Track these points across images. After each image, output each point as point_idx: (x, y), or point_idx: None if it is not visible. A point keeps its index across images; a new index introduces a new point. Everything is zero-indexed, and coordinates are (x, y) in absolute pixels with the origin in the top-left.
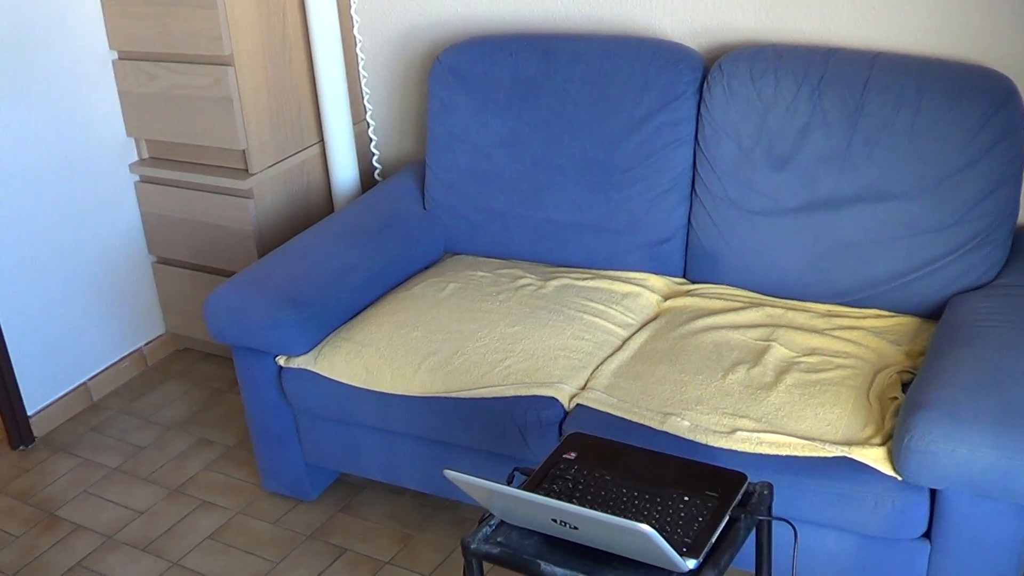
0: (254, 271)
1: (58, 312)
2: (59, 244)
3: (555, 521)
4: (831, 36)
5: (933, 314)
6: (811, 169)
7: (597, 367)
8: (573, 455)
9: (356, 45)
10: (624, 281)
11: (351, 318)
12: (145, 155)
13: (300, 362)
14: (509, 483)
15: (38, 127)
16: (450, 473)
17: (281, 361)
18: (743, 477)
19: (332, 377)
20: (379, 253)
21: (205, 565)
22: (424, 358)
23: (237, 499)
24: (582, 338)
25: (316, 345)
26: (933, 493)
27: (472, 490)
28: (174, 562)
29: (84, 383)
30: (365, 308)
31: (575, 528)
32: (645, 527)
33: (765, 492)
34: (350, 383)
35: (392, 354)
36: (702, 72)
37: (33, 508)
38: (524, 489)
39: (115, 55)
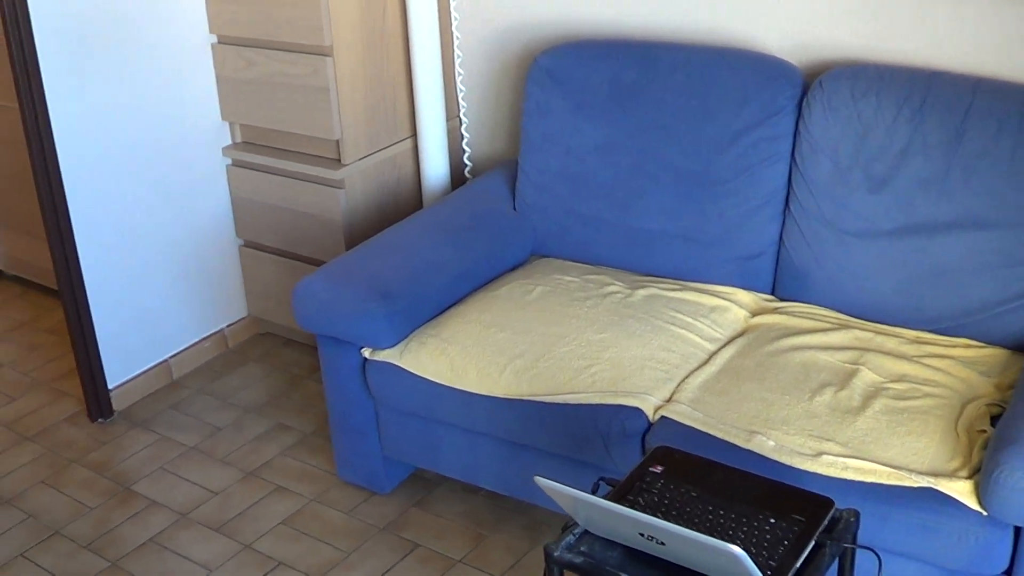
0: (344, 261)
1: (144, 289)
2: (150, 222)
3: (642, 535)
4: (934, 58)
5: None
6: (908, 193)
7: (683, 380)
8: (659, 468)
9: (454, 42)
10: (712, 294)
11: (438, 315)
12: (239, 139)
13: (386, 355)
14: (594, 492)
15: (136, 107)
16: (541, 480)
17: (366, 353)
18: (830, 503)
19: (417, 373)
20: (468, 251)
21: (277, 550)
22: (510, 360)
23: (312, 486)
24: (669, 350)
25: (402, 339)
26: (1017, 530)
27: (560, 498)
28: (246, 544)
29: (165, 360)
30: (452, 305)
31: (662, 544)
32: (736, 548)
33: (852, 519)
34: (434, 380)
35: (478, 354)
36: (802, 88)
37: (109, 481)
38: (609, 500)
39: (214, 39)
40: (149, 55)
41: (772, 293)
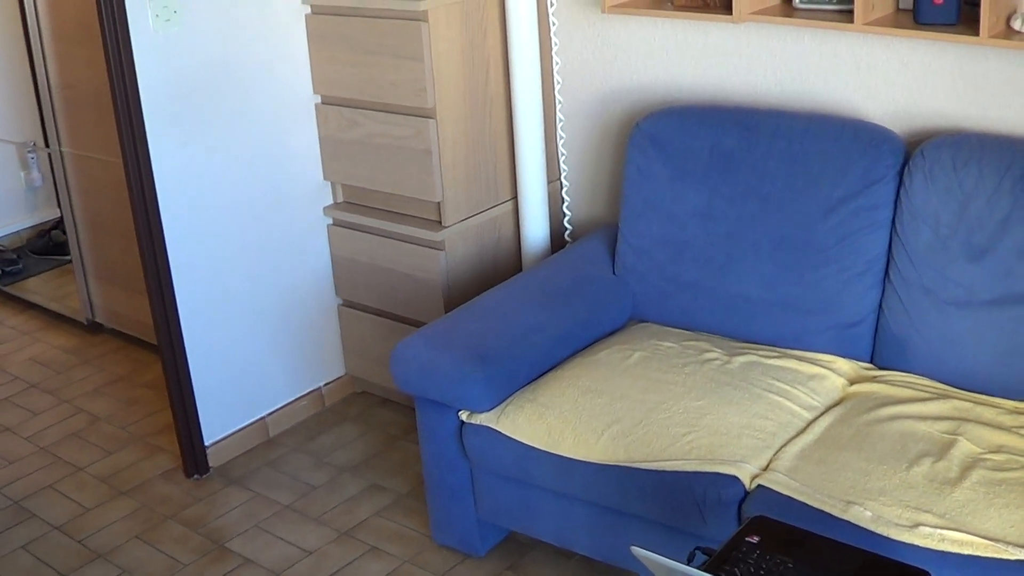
0: (443, 324)
1: (243, 345)
2: (251, 279)
3: None
4: None
5: None
6: (1009, 262)
7: (780, 448)
8: (756, 538)
9: (556, 106)
10: (811, 362)
11: (536, 378)
12: (340, 199)
13: (483, 419)
14: (689, 561)
15: (239, 164)
16: (637, 551)
17: (464, 416)
18: (927, 575)
19: (514, 437)
20: (567, 315)
21: None
22: (607, 425)
23: (406, 548)
24: (766, 417)
25: (500, 403)
26: None
27: (656, 568)
28: None
29: (262, 418)
30: (550, 369)
31: None
32: None
33: None
34: (532, 444)
35: (575, 419)
36: (903, 156)
37: (203, 538)
38: (706, 570)
39: (318, 99)
40: (253, 113)
41: (871, 361)
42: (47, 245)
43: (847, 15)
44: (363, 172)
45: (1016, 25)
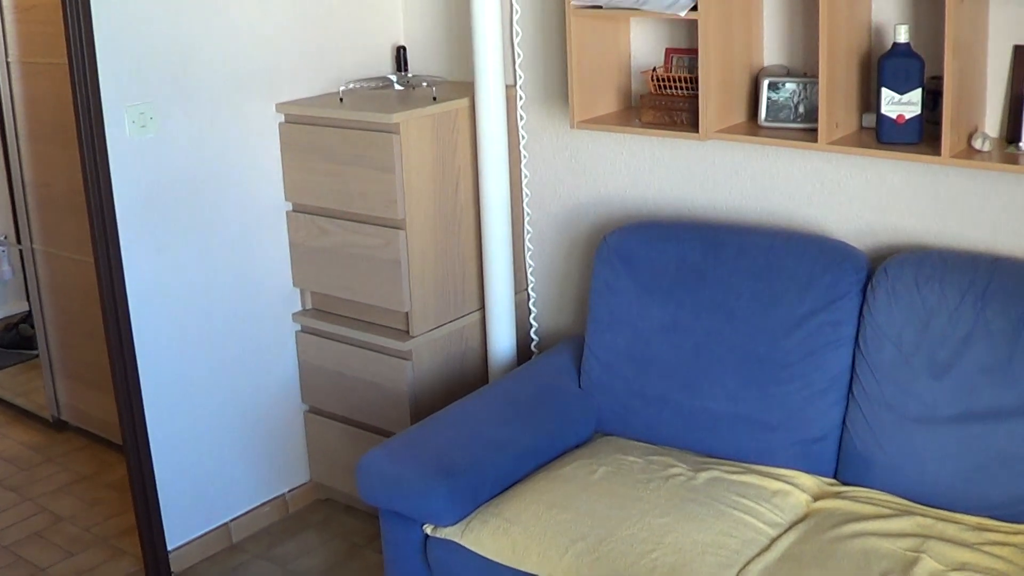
0: (409, 436)
1: (209, 449)
2: (218, 383)
3: None
4: (996, 244)
5: None
6: (971, 379)
7: (744, 567)
8: None
9: (524, 218)
10: (775, 478)
11: (501, 492)
12: (309, 306)
13: (447, 533)
14: None
15: (212, 269)
16: None
17: (428, 530)
18: None
19: (478, 552)
20: (532, 429)
21: None
22: (572, 542)
23: None
24: (730, 535)
25: (465, 517)
26: None
27: None
28: None
29: (226, 523)
30: (515, 483)
31: None
32: None
33: None
34: (496, 560)
35: (540, 535)
36: (866, 273)
37: None
38: None
39: (290, 206)
40: (226, 219)
41: (835, 477)
42: (14, 338)
43: (811, 133)
44: (332, 280)
45: (977, 144)
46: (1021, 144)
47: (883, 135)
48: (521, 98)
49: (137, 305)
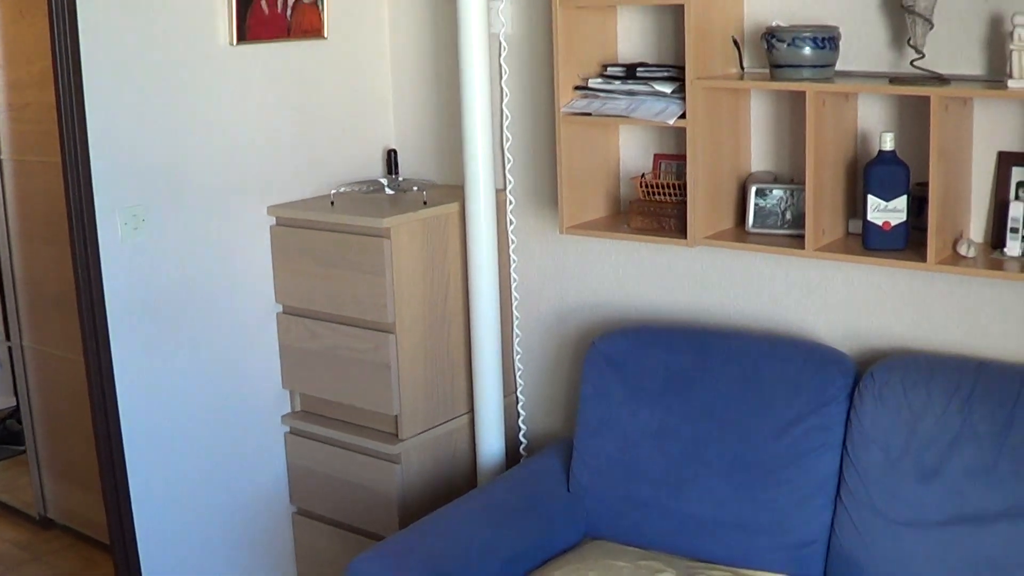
0: (398, 541)
1: (196, 549)
2: (207, 482)
3: None
4: (982, 347)
5: None
6: (958, 483)
7: None
8: None
9: (513, 321)
10: None
11: None
12: (298, 408)
13: None
14: None
15: (202, 370)
16: None
17: None
18: None
19: None
20: (521, 534)
21: None
22: None
23: None
24: None
25: None
26: None
27: None
28: None
29: None
30: None
31: None
32: None
33: None
34: None
35: None
36: (853, 378)
37: None
38: None
39: (280, 308)
40: (216, 320)
41: None
42: (2, 434)
43: (798, 240)
44: (322, 382)
45: (962, 250)
46: (1005, 250)
47: (869, 241)
48: (511, 203)
49: (126, 404)
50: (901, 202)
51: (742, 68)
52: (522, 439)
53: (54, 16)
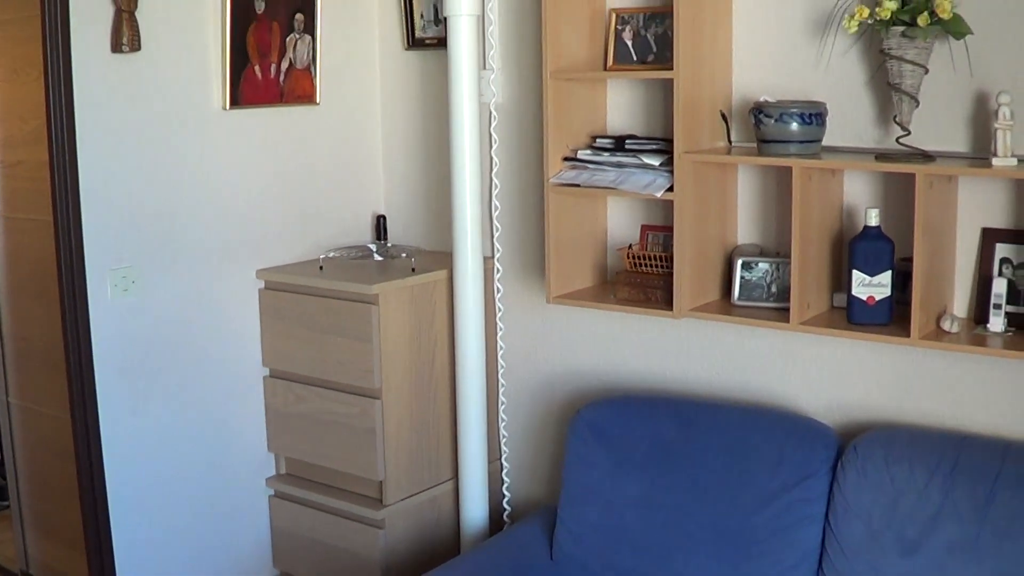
0: None
1: None
2: (191, 544)
3: None
4: (964, 421)
5: None
6: (940, 558)
7: None
8: None
9: (499, 388)
10: None
11: None
12: (283, 471)
13: None
14: None
15: (188, 431)
16: None
17: None
18: None
19: None
20: None
21: None
22: None
23: None
24: None
25: None
26: None
27: None
28: None
29: None
30: None
31: None
32: None
33: None
34: None
35: None
36: (836, 451)
37: None
38: None
39: (267, 372)
40: (203, 383)
41: None
42: None
43: (783, 313)
44: (307, 446)
45: (946, 326)
46: (989, 325)
47: (854, 316)
48: (498, 271)
49: (112, 463)
50: (886, 277)
51: (730, 142)
52: (506, 506)
53: (49, 75)
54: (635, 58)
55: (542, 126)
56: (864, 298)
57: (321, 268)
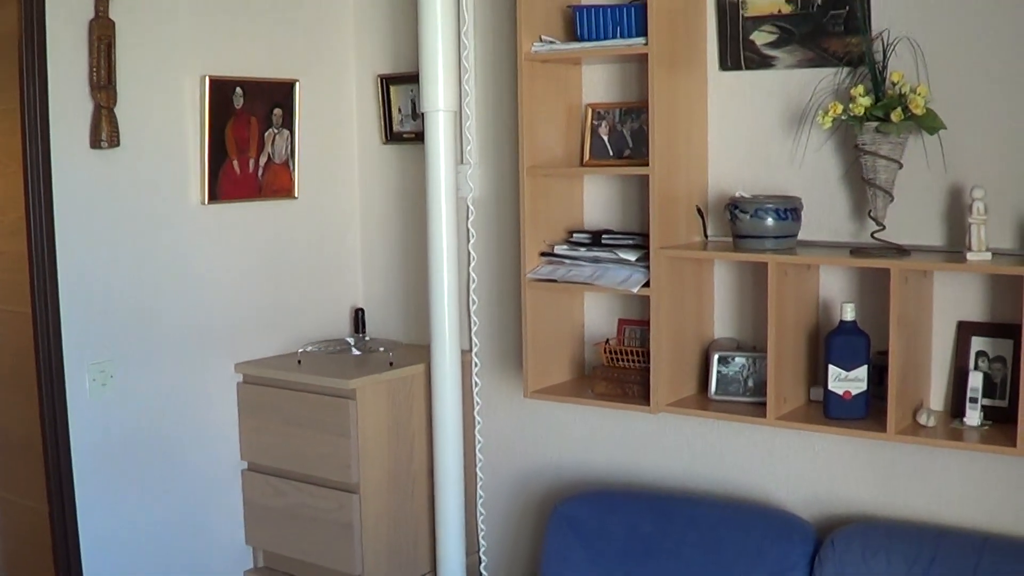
0: None
1: None
2: None
3: None
4: (942, 514)
5: None
6: None
7: None
8: None
9: (477, 482)
10: None
11: None
12: (261, 564)
13: None
14: None
15: (165, 525)
16: None
17: None
18: None
19: None
20: None
21: None
22: None
23: None
24: None
25: None
26: None
27: None
28: None
29: None
30: None
31: None
32: None
33: None
34: None
35: None
36: (814, 545)
37: None
38: None
39: (245, 465)
40: (181, 476)
41: None
42: None
43: (760, 407)
44: (285, 540)
45: (922, 420)
46: (965, 419)
47: (830, 410)
48: (476, 365)
49: (89, 555)
50: (862, 372)
51: (706, 236)
52: None
53: (28, 168)
54: (611, 153)
55: (519, 221)
56: (840, 393)
57: (299, 362)
